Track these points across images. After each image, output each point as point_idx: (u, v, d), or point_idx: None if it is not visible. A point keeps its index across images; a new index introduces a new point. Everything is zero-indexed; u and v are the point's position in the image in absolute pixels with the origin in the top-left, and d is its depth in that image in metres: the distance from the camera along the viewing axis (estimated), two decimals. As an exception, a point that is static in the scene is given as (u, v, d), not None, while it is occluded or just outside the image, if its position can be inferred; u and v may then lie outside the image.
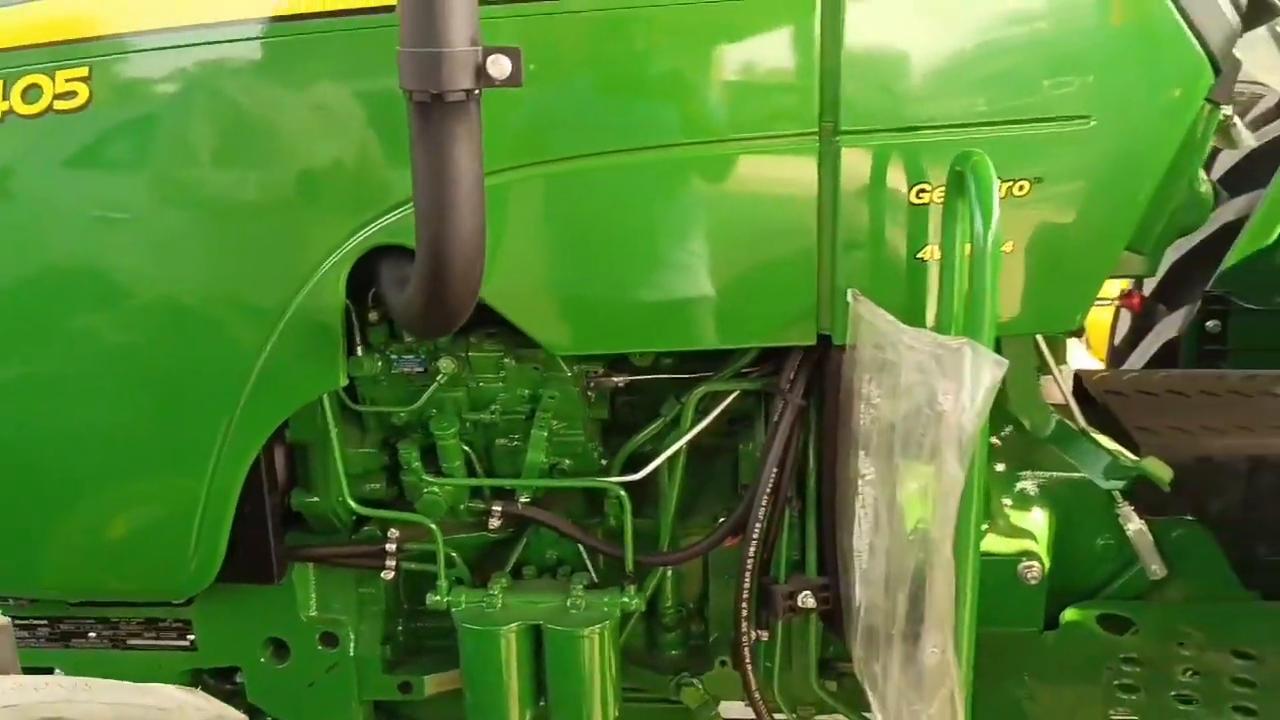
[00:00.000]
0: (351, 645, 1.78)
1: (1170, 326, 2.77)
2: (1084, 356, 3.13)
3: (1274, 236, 2.50)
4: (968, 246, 1.35)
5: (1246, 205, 2.69)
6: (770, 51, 1.43)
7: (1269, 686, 1.59)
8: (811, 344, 1.55)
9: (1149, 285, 2.95)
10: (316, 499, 1.71)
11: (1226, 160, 2.88)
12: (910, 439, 1.35)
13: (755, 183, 1.48)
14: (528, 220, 1.48)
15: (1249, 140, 1.74)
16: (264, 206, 1.48)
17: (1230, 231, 2.68)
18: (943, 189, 1.43)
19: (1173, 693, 1.58)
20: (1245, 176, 2.76)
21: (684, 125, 1.44)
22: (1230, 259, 2.56)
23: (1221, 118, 1.64)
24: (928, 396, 1.30)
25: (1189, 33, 1.43)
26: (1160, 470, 1.69)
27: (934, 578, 1.33)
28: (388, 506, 1.73)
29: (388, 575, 1.73)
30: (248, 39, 1.43)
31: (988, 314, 1.31)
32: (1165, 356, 2.77)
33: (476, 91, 1.23)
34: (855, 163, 1.45)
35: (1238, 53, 2.13)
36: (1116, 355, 3.07)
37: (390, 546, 1.72)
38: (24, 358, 1.55)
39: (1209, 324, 2.57)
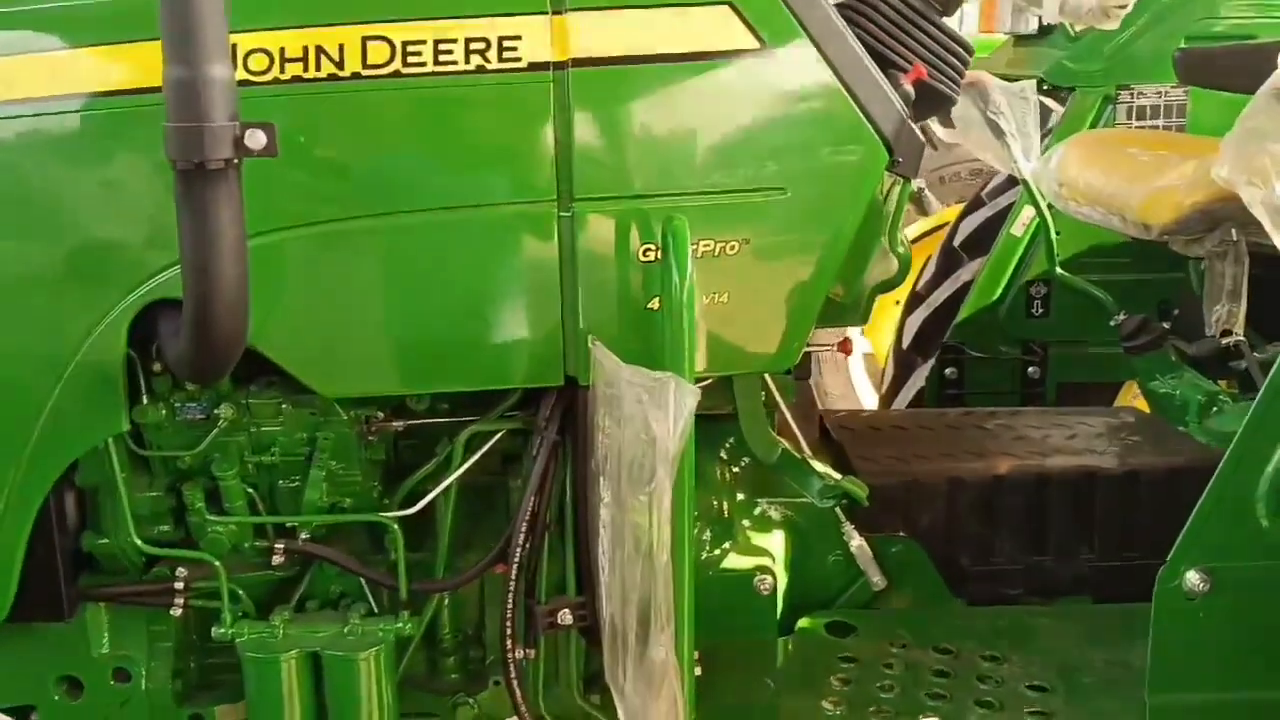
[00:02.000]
0: (143, 680, 1.87)
1: (921, 375, 3.11)
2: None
3: (997, 293, 2.86)
4: (705, 298, 1.58)
5: (981, 266, 3.05)
6: (513, 131, 1.65)
7: (960, 676, 1.84)
8: (560, 384, 1.75)
9: (907, 338, 3.29)
10: (106, 540, 1.81)
11: (966, 227, 3.26)
12: (634, 463, 1.56)
13: (504, 244, 1.68)
14: (299, 276, 1.64)
15: (938, 207, 2.05)
16: (50, 266, 1.60)
17: (968, 289, 3.04)
18: None
19: (877, 684, 1.81)
20: (982, 242, 3.14)
21: (437, 192, 1.64)
22: (962, 314, 2.90)
23: (914, 189, 1.93)
24: (643, 424, 1.52)
25: (865, 122, 1.70)
26: (857, 487, 1.95)
27: (656, 582, 1.54)
28: (175, 547, 1.84)
29: (176, 612, 1.84)
30: (32, 115, 1.57)
31: (686, 352, 1.54)
32: (919, 401, 3.10)
33: (235, 160, 1.39)
34: (589, 226, 1.66)
35: (953, 137, 2.46)
36: (885, 401, 3.40)
37: (179, 585, 1.83)
38: None
39: (947, 371, 2.91)
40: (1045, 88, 2.94)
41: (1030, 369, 2.87)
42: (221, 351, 1.49)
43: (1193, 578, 1.59)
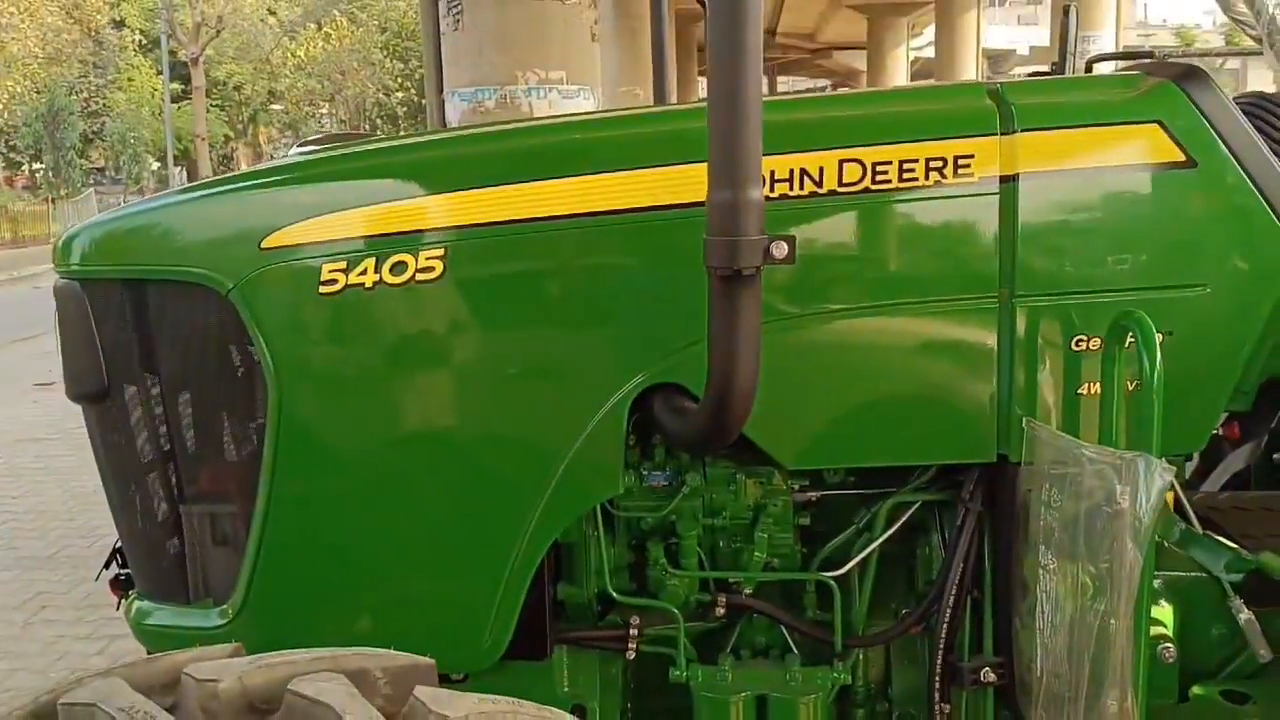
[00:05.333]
0: (597, 716, 2.12)
1: (1239, 459, 3.17)
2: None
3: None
4: (1129, 384, 1.76)
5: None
6: (965, 235, 1.88)
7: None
8: (992, 460, 1.95)
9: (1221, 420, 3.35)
10: (578, 589, 2.08)
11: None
12: (1091, 533, 1.74)
13: (952, 333, 1.90)
14: (776, 363, 1.89)
15: None
16: (578, 356, 1.92)
17: (1287, 376, 3.10)
18: (1096, 339, 1.86)
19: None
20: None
21: (897, 288, 1.88)
22: (1294, 399, 2.96)
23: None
24: (1106, 497, 1.70)
25: (1277, 221, 1.87)
26: (1274, 562, 2.06)
27: (1118, 641, 1.70)
28: (635, 597, 2.09)
29: (630, 655, 2.09)
30: (560, 230, 1.89)
31: (1155, 432, 1.72)
32: (1233, 485, 3.15)
33: (760, 267, 1.66)
34: (1028, 318, 1.87)
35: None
36: (1190, 484, 3.45)
37: (633, 631, 2.08)
38: (372, 468, 1.95)
39: (1276, 456, 2.97)
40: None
41: (1361, 456, 2.91)
42: (734, 426, 1.74)
43: None
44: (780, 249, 1.64)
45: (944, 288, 1.89)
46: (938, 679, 2.00)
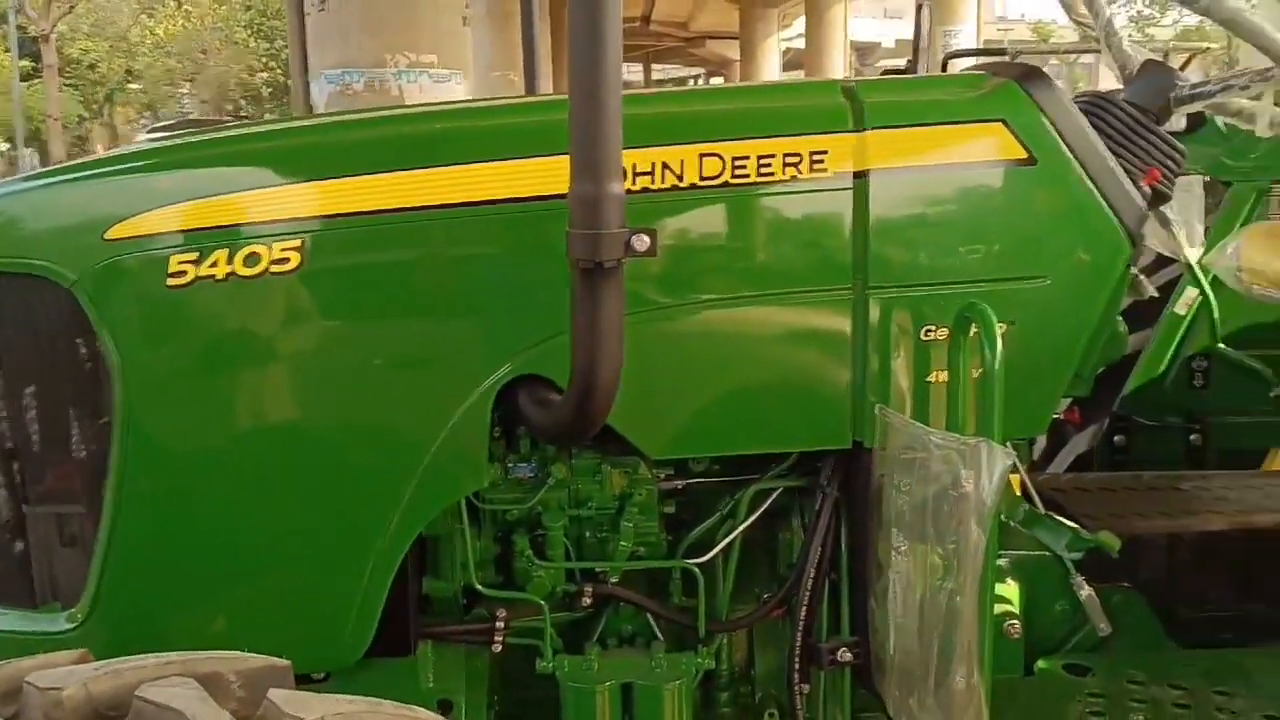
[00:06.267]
0: (463, 711, 2.12)
1: (1081, 441, 3.34)
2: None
3: (1163, 367, 3.10)
4: (975, 371, 1.84)
5: (1140, 340, 3.29)
6: (820, 229, 1.93)
7: (1198, 708, 2.05)
8: (847, 447, 2.00)
9: (1064, 406, 3.53)
10: (443, 583, 2.07)
11: (1123, 302, 3.51)
12: (939, 516, 1.81)
13: (807, 324, 1.95)
14: (639, 355, 1.91)
15: (1151, 290, 2.31)
16: (441, 348, 1.90)
17: (1128, 360, 3.28)
18: (945, 329, 1.93)
19: (1127, 717, 2.03)
20: (1140, 317, 3.39)
21: (755, 280, 1.92)
22: (1132, 384, 3.14)
23: (1132, 275, 2.19)
24: (954, 480, 1.77)
25: (1115, 218, 1.97)
26: (1111, 540, 2.18)
27: (964, 619, 1.78)
28: (501, 590, 2.09)
29: (497, 648, 2.09)
30: (423, 220, 1.87)
31: (997, 418, 1.79)
32: (1076, 466, 3.32)
33: (622, 260, 1.68)
34: (880, 309, 1.93)
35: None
36: (1039, 464, 3.62)
37: (499, 624, 2.08)
38: (230, 461, 1.90)
39: (1116, 438, 3.14)
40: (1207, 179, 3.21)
41: (1192, 437, 3.10)
42: (597, 418, 1.76)
43: None
44: (641, 242, 1.66)
45: (801, 280, 1.94)
46: (797, 660, 2.06)
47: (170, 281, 1.83)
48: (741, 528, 2.10)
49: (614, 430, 1.91)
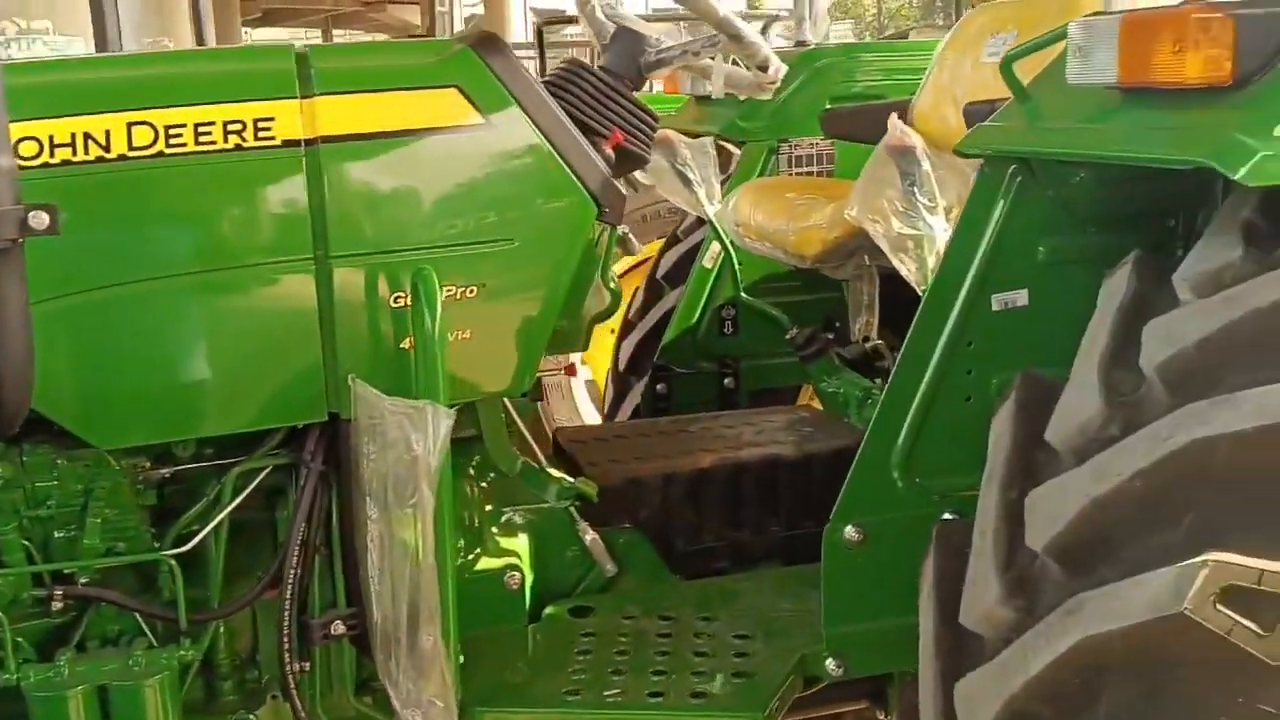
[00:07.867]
0: None
1: (637, 393, 3.51)
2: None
3: (695, 318, 3.30)
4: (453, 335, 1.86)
5: (681, 295, 3.49)
6: (271, 200, 1.88)
7: (680, 636, 2.20)
8: (324, 420, 1.98)
9: (622, 362, 3.70)
10: None
11: (667, 261, 3.71)
12: (398, 481, 1.83)
13: (266, 298, 1.90)
14: (72, 339, 1.80)
15: (639, 248, 2.43)
16: None
17: (672, 315, 3.47)
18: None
19: (614, 651, 2.15)
20: (681, 273, 3.59)
21: (200, 256, 1.85)
22: (667, 337, 3.32)
23: (620, 233, 2.29)
24: (406, 446, 1.79)
25: (576, 181, 2.04)
26: (587, 487, 2.29)
27: (421, 582, 1.80)
28: None
29: None
30: None
31: (440, 382, 1.82)
32: (637, 415, 3.49)
33: (21, 240, 1.56)
34: (344, 279, 1.91)
35: (651, 180, 2.87)
36: (607, 418, 3.78)
37: None
38: None
39: (658, 387, 3.32)
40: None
41: (726, 380, 3.32)
42: (11, 410, 1.63)
43: (849, 531, 2.02)
44: (40, 219, 1.55)
45: (258, 252, 1.88)
46: (287, 639, 2.02)
47: None
48: (225, 512, 2.02)
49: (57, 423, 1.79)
